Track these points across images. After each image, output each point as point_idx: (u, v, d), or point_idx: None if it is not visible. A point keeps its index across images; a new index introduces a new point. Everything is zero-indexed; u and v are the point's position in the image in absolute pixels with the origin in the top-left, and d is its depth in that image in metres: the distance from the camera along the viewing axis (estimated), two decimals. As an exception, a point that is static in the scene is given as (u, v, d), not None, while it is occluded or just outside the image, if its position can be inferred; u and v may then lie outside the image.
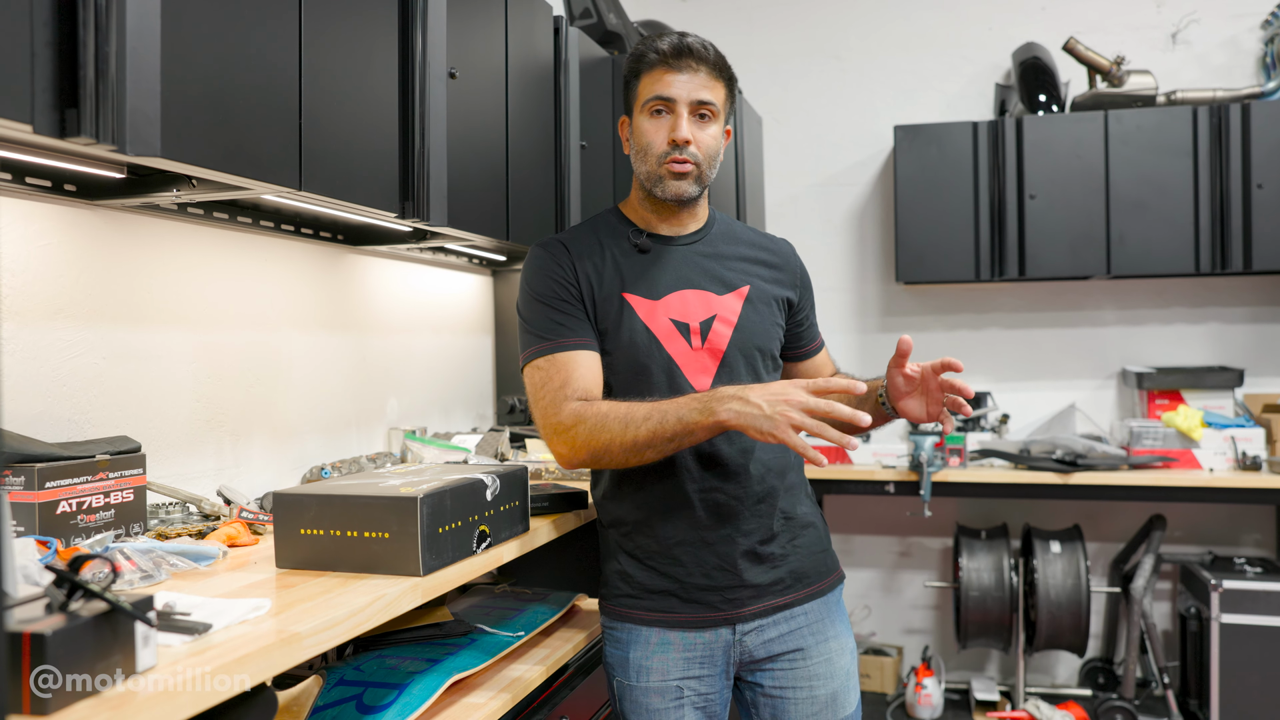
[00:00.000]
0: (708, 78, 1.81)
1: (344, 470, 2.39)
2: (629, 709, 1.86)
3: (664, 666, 1.82)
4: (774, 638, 1.84)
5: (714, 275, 1.87)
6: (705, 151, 1.82)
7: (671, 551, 1.82)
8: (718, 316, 1.83)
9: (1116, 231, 3.94)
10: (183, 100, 1.47)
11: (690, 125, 1.80)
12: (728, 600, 1.81)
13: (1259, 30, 4.22)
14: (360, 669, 1.75)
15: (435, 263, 3.15)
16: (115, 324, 1.96)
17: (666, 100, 1.80)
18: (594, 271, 1.86)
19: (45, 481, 1.57)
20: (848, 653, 1.89)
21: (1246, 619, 3.68)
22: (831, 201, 4.70)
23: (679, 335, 1.82)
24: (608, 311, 1.84)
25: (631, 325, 1.82)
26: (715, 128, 1.83)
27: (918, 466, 3.87)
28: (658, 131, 1.81)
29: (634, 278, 1.85)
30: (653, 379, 1.81)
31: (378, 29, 2.00)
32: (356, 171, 1.93)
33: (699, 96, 1.80)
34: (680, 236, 1.90)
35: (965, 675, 4.51)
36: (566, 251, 1.87)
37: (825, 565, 1.90)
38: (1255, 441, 3.77)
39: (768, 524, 1.83)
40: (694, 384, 1.81)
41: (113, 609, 1.00)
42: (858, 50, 4.66)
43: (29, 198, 1.77)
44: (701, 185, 1.84)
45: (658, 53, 1.81)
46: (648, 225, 1.91)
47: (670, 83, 1.80)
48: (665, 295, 1.84)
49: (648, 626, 1.84)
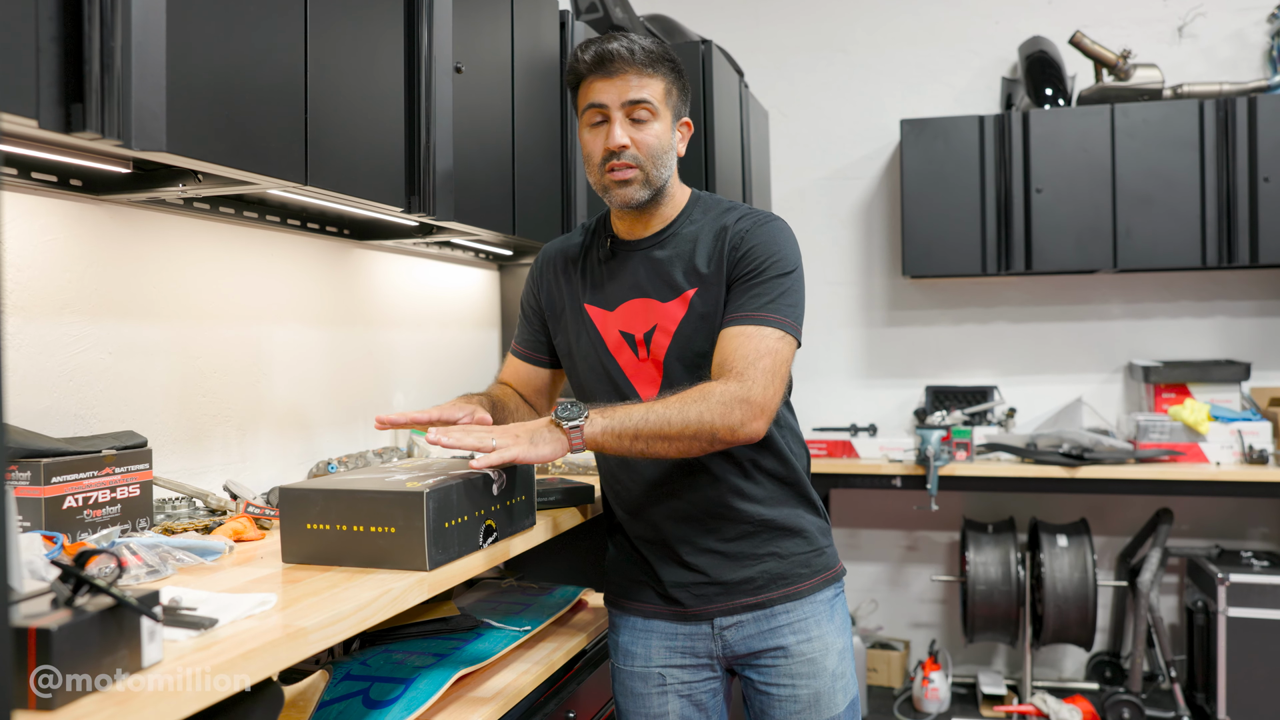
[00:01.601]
0: (638, 76, 1.76)
1: (350, 465, 2.39)
2: (618, 690, 1.96)
3: (647, 653, 1.90)
4: (753, 634, 1.85)
5: (665, 280, 1.83)
6: (646, 151, 1.77)
7: (640, 549, 1.90)
8: (658, 326, 1.82)
9: (1123, 225, 3.92)
10: (188, 95, 1.47)
11: (626, 128, 1.76)
12: (697, 597, 1.85)
13: (1265, 24, 4.19)
14: (367, 664, 1.76)
15: (442, 257, 3.15)
16: (121, 319, 1.96)
17: (600, 107, 1.78)
18: (559, 285, 1.95)
19: (51, 476, 1.58)
20: (835, 653, 1.86)
21: (1253, 612, 3.67)
22: (838, 195, 4.69)
23: (627, 346, 1.84)
24: (567, 321, 1.92)
25: (590, 336, 1.88)
26: (657, 125, 1.78)
27: (924, 460, 3.86)
28: (595, 141, 1.79)
29: (595, 288, 1.89)
30: (604, 388, 1.87)
31: (383, 23, 2.00)
32: (362, 166, 1.93)
33: (630, 97, 1.76)
34: (641, 240, 1.88)
35: (972, 669, 4.50)
36: (541, 264, 2.01)
37: (809, 566, 1.87)
38: (1262, 435, 3.76)
39: (730, 524, 1.83)
40: (641, 394, 1.83)
41: (118, 604, 1.00)
42: (864, 44, 4.64)
43: (35, 193, 1.77)
44: (650, 187, 1.79)
45: (585, 63, 1.79)
46: (618, 231, 1.91)
47: (600, 89, 1.77)
48: (618, 305, 1.86)
49: (633, 615, 1.93)
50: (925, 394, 4.44)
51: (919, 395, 4.51)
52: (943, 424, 4.04)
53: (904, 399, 4.58)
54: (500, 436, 1.60)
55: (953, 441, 3.95)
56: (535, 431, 1.62)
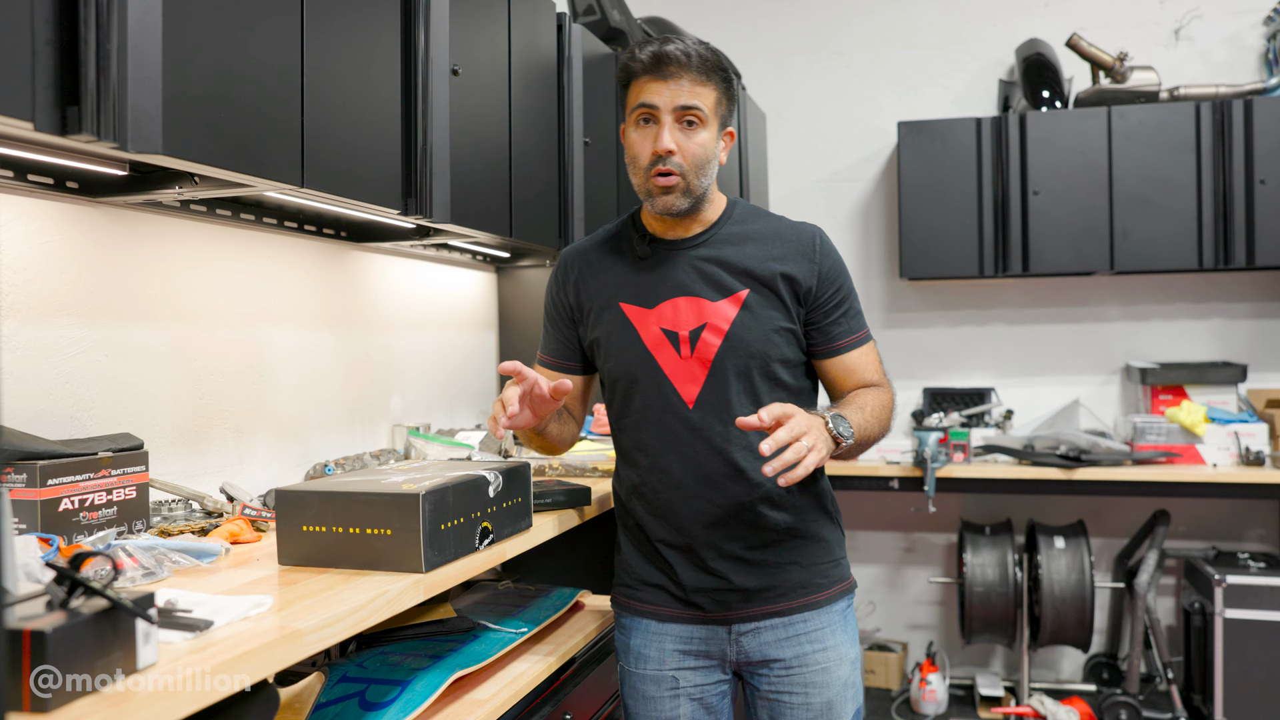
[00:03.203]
0: (691, 83, 1.76)
1: (347, 467, 2.39)
2: (628, 693, 1.94)
3: (660, 655, 1.88)
4: (770, 642, 1.85)
5: (712, 280, 1.83)
6: (691, 160, 1.76)
7: (661, 552, 1.87)
8: (708, 325, 1.80)
9: (1120, 227, 3.93)
10: (184, 97, 1.47)
11: (675, 133, 1.76)
12: (717, 602, 1.85)
13: (1261, 26, 4.20)
14: (363, 666, 1.76)
15: (439, 259, 3.15)
16: (118, 321, 1.96)
17: (651, 108, 1.77)
18: (590, 284, 1.91)
19: (47, 479, 1.58)
20: (847, 663, 1.88)
21: (1250, 614, 3.68)
22: (835, 197, 4.70)
23: (668, 344, 1.82)
24: (601, 322, 1.88)
25: (625, 334, 1.85)
26: (704, 134, 1.78)
27: (922, 462, 3.86)
28: (643, 142, 1.78)
29: (632, 286, 1.87)
30: (644, 387, 1.84)
31: (380, 26, 2.00)
32: (359, 168, 1.93)
33: (682, 102, 1.75)
34: (682, 240, 1.87)
35: (970, 671, 4.51)
36: (564, 267, 1.97)
37: (828, 577, 1.88)
38: (1259, 437, 3.76)
39: (758, 532, 1.83)
40: (682, 394, 1.81)
41: (114, 606, 1.00)
42: (862, 46, 4.65)
43: (31, 195, 1.77)
44: (691, 196, 1.79)
45: (640, 63, 1.78)
46: (654, 230, 1.89)
47: (654, 90, 1.76)
48: (658, 304, 1.84)
49: (646, 618, 1.90)
50: (923, 396, 4.45)
51: (916, 397, 4.52)
52: (940, 426, 4.04)
53: (901, 401, 4.58)
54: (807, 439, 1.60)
55: (950, 443, 3.95)
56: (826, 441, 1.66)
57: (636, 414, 1.85)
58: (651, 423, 1.83)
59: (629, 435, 1.88)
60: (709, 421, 1.80)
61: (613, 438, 1.96)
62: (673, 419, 1.82)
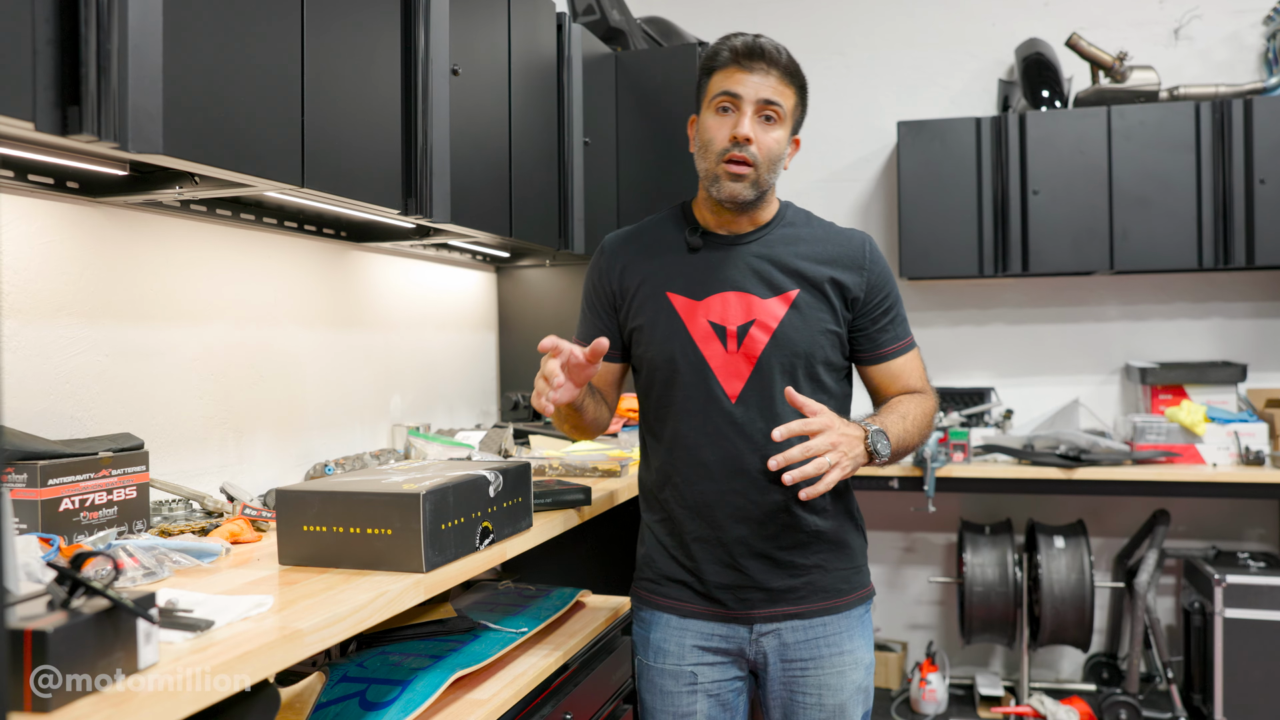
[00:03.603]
0: (778, 81, 1.81)
1: (347, 467, 2.39)
2: (645, 687, 1.95)
3: (680, 651, 1.89)
4: (790, 643, 1.86)
5: (763, 277, 1.85)
6: (766, 154, 1.80)
7: (689, 546, 1.87)
8: (756, 321, 1.82)
9: (1120, 227, 3.93)
10: (185, 97, 1.47)
11: (754, 125, 1.79)
12: (740, 600, 1.85)
13: (1261, 26, 4.20)
14: (363, 665, 1.76)
15: (439, 259, 3.15)
16: (118, 321, 1.96)
17: (733, 96, 1.80)
18: (634, 270, 1.91)
19: (48, 479, 1.58)
20: (862, 668, 1.89)
21: (1250, 613, 3.68)
22: (835, 197, 4.70)
23: (715, 338, 1.83)
24: (645, 309, 1.88)
25: (670, 324, 1.85)
26: (780, 131, 1.82)
27: (921, 462, 3.86)
28: (720, 128, 1.81)
29: (680, 277, 1.87)
30: (684, 378, 1.84)
31: (380, 26, 2.00)
32: (359, 168, 1.93)
33: (765, 96, 1.79)
34: (735, 236, 1.89)
35: (970, 670, 4.51)
36: (608, 254, 1.96)
37: (849, 583, 1.90)
38: (1258, 436, 3.76)
39: (789, 533, 1.84)
40: (725, 388, 1.82)
41: (114, 606, 1.00)
42: (861, 46, 4.65)
43: (31, 195, 1.77)
44: (759, 189, 1.82)
45: (731, 50, 1.82)
46: (706, 224, 1.91)
47: (739, 80, 1.80)
48: (707, 297, 1.84)
49: (666, 613, 1.91)
50: (922, 395, 4.44)
51: (916, 397, 4.50)
52: (940, 425, 4.04)
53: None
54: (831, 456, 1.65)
55: (950, 443, 3.95)
56: (857, 457, 1.70)
57: (677, 405, 1.85)
58: (692, 414, 1.84)
59: (668, 425, 1.88)
60: (750, 417, 1.81)
61: (645, 427, 1.96)
62: (715, 412, 1.83)
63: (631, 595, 2.02)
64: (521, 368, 3.51)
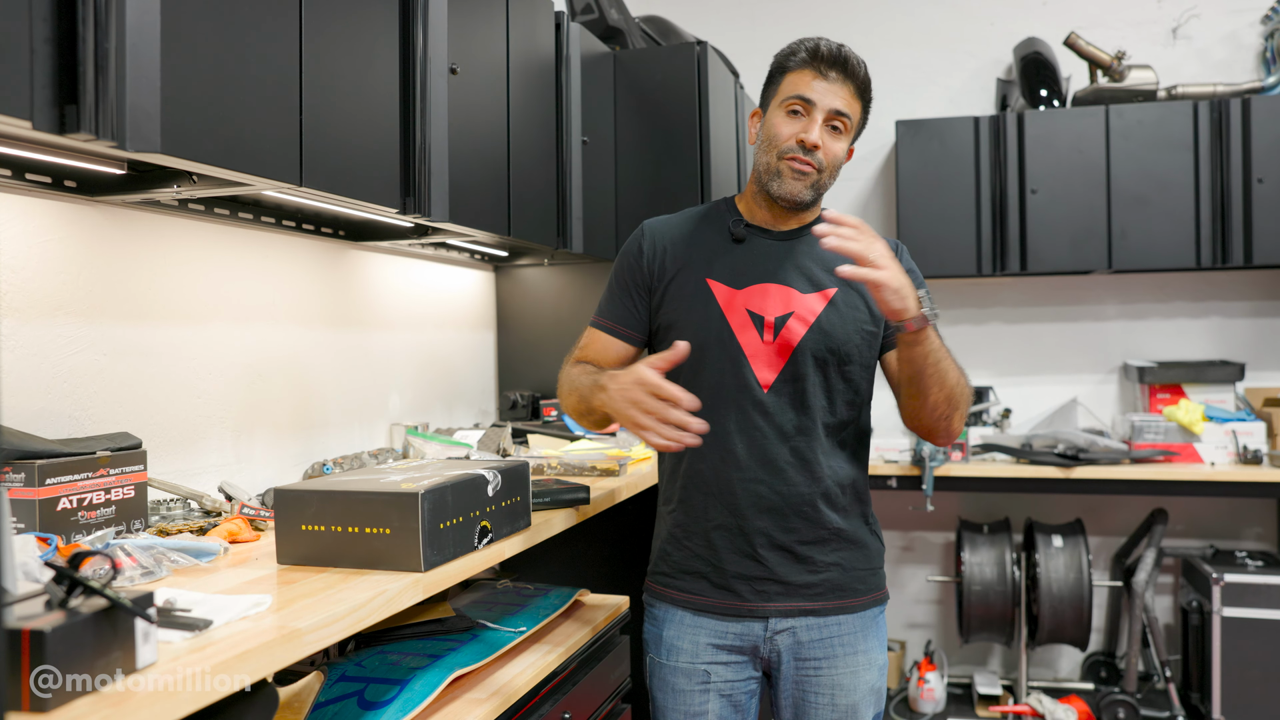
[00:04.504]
0: (850, 94, 1.84)
1: (346, 466, 2.39)
2: (656, 685, 1.93)
3: (694, 649, 1.88)
4: (805, 641, 1.86)
5: (803, 273, 1.87)
6: (830, 160, 1.84)
7: (709, 534, 1.87)
8: (794, 314, 1.84)
9: (1118, 226, 3.93)
10: (183, 96, 1.47)
11: (822, 132, 1.82)
12: (757, 592, 1.85)
13: (1259, 25, 4.20)
14: (362, 665, 1.75)
15: (437, 258, 3.15)
16: (116, 320, 1.96)
17: (806, 102, 1.82)
18: (675, 254, 1.92)
19: (46, 478, 1.57)
20: (876, 669, 1.90)
21: (1248, 612, 3.68)
22: (834, 196, 4.69)
23: (752, 327, 1.84)
24: (682, 293, 1.89)
25: (707, 309, 1.86)
26: (844, 142, 1.86)
27: (920, 461, 3.86)
28: (789, 126, 1.83)
29: (721, 265, 1.89)
30: (716, 364, 1.85)
31: (379, 25, 2.00)
32: (357, 167, 1.93)
33: (837, 107, 1.82)
34: (779, 231, 1.92)
35: (968, 669, 4.51)
36: (650, 236, 1.96)
37: (865, 584, 1.91)
38: (1256, 435, 3.76)
39: (811, 527, 1.84)
40: (759, 376, 1.83)
41: (113, 606, 1.00)
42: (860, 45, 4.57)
43: (29, 194, 1.76)
44: (816, 191, 1.85)
45: (809, 53, 1.84)
46: (752, 218, 1.93)
47: (814, 87, 1.82)
48: (747, 286, 1.86)
49: (680, 608, 1.90)
50: (921, 395, 4.43)
51: (914, 396, 4.50)
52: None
53: (900, 400, 4.58)
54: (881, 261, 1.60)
55: (948, 442, 3.94)
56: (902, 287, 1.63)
57: (708, 390, 1.83)
58: (722, 401, 1.84)
59: (697, 410, 1.86)
60: (781, 407, 1.83)
61: None
62: (746, 400, 1.84)
63: (644, 590, 2.01)
64: (520, 367, 3.51)
